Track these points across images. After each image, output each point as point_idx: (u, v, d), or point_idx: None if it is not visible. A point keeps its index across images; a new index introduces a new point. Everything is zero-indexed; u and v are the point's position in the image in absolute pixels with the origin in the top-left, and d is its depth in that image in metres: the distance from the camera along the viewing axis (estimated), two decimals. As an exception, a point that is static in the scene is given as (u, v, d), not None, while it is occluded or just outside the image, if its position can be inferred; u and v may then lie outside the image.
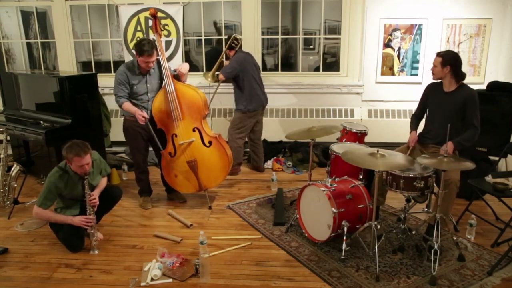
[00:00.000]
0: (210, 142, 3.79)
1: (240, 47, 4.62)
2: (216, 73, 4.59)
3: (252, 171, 4.92)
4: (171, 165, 3.77)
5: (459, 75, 3.19)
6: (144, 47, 3.43)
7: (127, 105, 3.59)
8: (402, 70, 5.14)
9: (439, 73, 3.21)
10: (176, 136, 3.72)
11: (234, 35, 4.56)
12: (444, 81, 3.26)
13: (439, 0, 4.90)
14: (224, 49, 4.66)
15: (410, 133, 3.48)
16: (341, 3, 5.13)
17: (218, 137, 3.82)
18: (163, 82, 3.68)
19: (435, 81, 3.35)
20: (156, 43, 3.62)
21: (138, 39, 4.31)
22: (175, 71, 3.74)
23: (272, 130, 5.32)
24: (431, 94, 3.40)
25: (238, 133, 4.56)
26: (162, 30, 3.75)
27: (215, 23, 5.22)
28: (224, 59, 4.72)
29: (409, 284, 2.66)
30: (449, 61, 3.15)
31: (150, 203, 3.94)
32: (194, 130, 3.75)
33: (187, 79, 3.83)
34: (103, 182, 3.30)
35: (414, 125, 3.53)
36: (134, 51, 3.59)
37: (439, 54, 3.22)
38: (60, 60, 5.62)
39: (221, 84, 4.79)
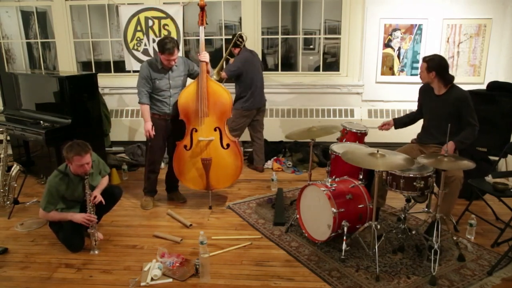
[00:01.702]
0: (228, 145, 3.78)
1: (244, 45, 4.62)
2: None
3: (252, 171, 4.92)
4: (184, 158, 3.76)
5: (446, 79, 3.21)
6: (167, 46, 3.44)
7: (144, 109, 3.65)
8: (402, 70, 5.14)
9: (426, 78, 3.26)
10: (196, 131, 3.71)
11: (239, 33, 4.58)
12: (433, 85, 3.29)
13: (439, 0, 4.90)
14: (229, 47, 4.66)
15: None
16: (341, 3, 5.13)
17: (236, 142, 3.82)
18: (195, 77, 3.71)
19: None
20: (201, 36, 3.60)
21: (163, 36, 4.31)
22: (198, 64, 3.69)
23: (272, 130, 5.32)
24: (424, 96, 3.44)
25: (232, 131, 4.58)
26: (207, 24, 3.75)
27: (240, 19, 5.23)
28: (229, 56, 4.73)
29: (409, 284, 2.66)
30: (433, 67, 3.17)
31: (152, 203, 3.93)
32: (215, 130, 3.74)
33: (213, 73, 3.80)
34: (104, 182, 3.31)
35: (401, 117, 3.65)
36: (156, 48, 3.60)
37: (424, 59, 3.25)
38: (60, 60, 5.61)
39: (224, 82, 4.80)
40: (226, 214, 3.78)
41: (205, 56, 3.62)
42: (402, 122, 3.62)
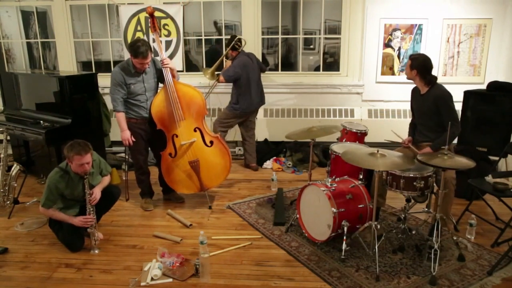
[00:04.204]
0: (211, 142, 3.79)
1: (242, 49, 4.64)
2: (217, 73, 4.61)
3: (251, 171, 4.92)
4: (172, 166, 3.76)
5: (427, 79, 3.26)
6: (139, 49, 3.40)
7: (120, 117, 3.60)
8: (402, 70, 5.13)
9: (408, 74, 3.34)
10: (177, 136, 3.71)
11: (238, 36, 4.58)
12: (416, 84, 3.37)
13: (439, 0, 4.89)
14: (226, 48, 4.67)
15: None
16: (341, 3, 5.13)
17: (219, 137, 3.82)
18: (162, 80, 3.67)
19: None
20: (155, 42, 3.59)
21: (133, 40, 4.28)
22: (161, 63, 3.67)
23: (272, 130, 5.32)
24: (413, 97, 3.52)
25: (221, 127, 4.65)
26: (160, 29, 3.73)
27: (215, 23, 5.25)
28: (225, 58, 4.73)
29: (409, 284, 2.66)
30: (415, 65, 3.25)
31: (152, 204, 3.93)
32: (195, 130, 3.74)
33: (179, 77, 3.81)
34: (105, 180, 3.31)
35: (410, 131, 3.62)
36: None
37: (410, 57, 3.33)
38: (60, 60, 5.61)
39: (218, 84, 4.81)
40: (226, 214, 3.78)
41: (167, 62, 3.60)
42: (413, 132, 3.62)
